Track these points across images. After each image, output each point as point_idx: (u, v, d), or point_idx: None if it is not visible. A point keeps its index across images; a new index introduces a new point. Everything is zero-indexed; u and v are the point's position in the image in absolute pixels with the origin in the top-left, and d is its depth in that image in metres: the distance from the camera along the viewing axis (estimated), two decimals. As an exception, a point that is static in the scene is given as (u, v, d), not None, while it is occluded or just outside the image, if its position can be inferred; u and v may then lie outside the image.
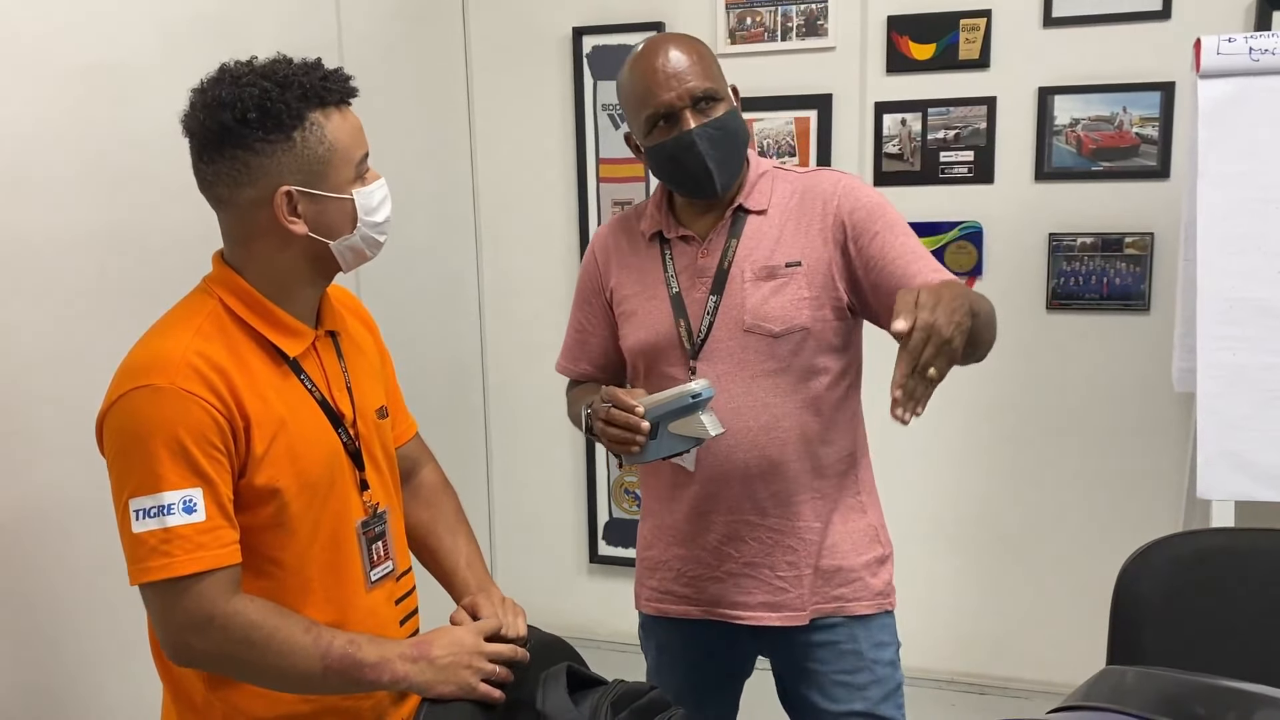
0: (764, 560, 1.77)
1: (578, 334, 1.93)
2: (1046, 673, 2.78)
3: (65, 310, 1.82)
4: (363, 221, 1.38)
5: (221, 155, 1.32)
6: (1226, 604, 1.64)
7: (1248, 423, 2.17)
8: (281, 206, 1.32)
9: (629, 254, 1.84)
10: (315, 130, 1.32)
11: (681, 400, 1.58)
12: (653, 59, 1.69)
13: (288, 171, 1.32)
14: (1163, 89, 2.57)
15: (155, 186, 1.94)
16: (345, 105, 1.37)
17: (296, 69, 1.34)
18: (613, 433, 1.63)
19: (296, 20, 2.42)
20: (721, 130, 1.68)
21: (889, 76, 2.77)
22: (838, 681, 1.79)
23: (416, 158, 2.95)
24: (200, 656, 1.33)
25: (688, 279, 1.76)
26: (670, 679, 1.91)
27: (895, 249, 1.67)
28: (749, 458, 1.73)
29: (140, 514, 1.26)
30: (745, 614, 1.79)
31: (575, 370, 1.95)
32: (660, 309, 1.77)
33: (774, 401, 1.72)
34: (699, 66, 1.68)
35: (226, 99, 1.30)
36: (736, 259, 1.73)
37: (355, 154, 1.37)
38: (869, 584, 1.79)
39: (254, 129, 1.30)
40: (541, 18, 3.04)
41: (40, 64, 1.78)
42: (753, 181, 1.77)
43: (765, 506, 1.76)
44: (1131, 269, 2.65)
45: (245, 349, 1.35)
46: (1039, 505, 2.82)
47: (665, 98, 1.67)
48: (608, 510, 3.22)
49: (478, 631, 1.44)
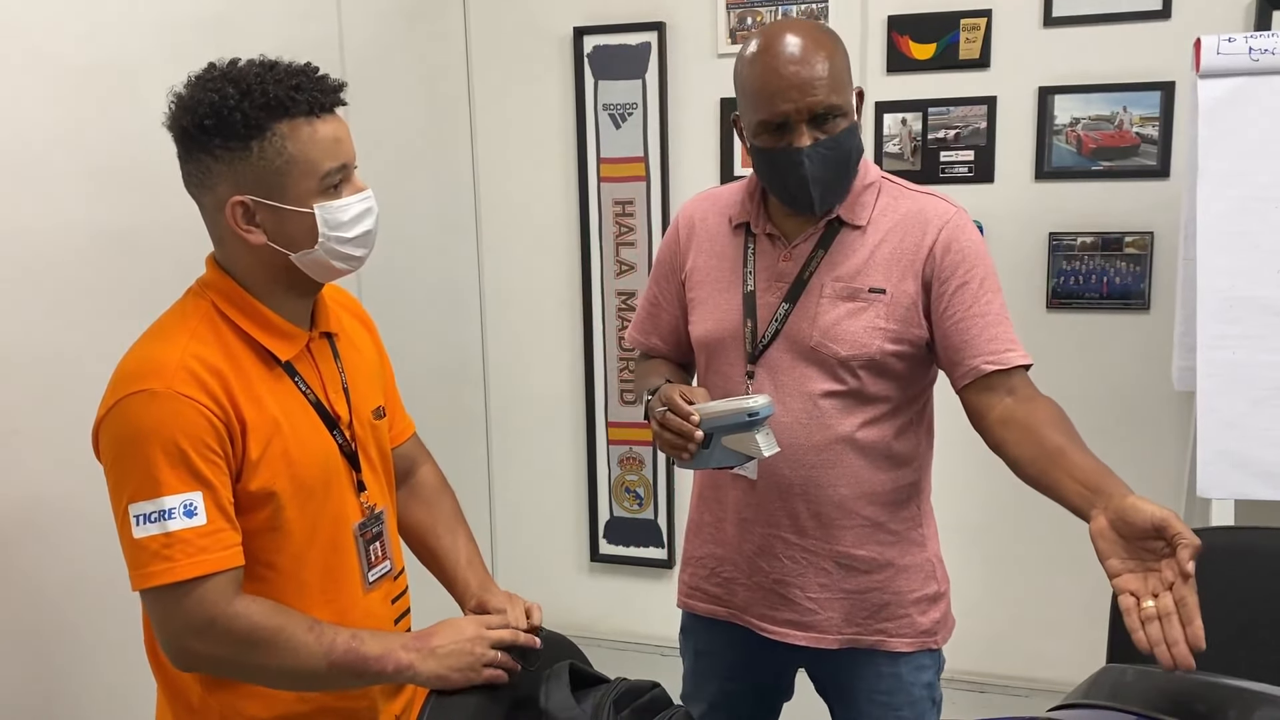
0: (794, 580, 1.71)
1: (651, 307, 1.86)
2: (1046, 671, 2.78)
3: (64, 309, 1.82)
4: (326, 236, 1.33)
5: (190, 156, 1.32)
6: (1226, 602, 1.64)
7: (1247, 421, 2.17)
8: (235, 216, 1.31)
9: (713, 238, 1.75)
10: (276, 141, 1.28)
11: (739, 416, 1.53)
12: (779, 57, 1.54)
13: (243, 181, 1.29)
14: (1163, 88, 2.58)
15: (155, 186, 1.93)
16: (320, 115, 1.31)
17: (270, 75, 1.29)
18: (666, 437, 1.57)
19: (297, 20, 2.42)
20: (835, 151, 1.56)
21: (889, 76, 2.77)
22: (875, 701, 1.75)
23: (417, 157, 2.95)
24: (204, 660, 1.33)
25: (764, 280, 1.68)
26: (706, 686, 1.87)
27: (976, 307, 1.60)
28: (793, 475, 1.66)
29: (141, 519, 1.25)
30: (771, 628, 1.74)
31: (645, 343, 1.89)
32: (730, 304, 1.70)
33: (828, 423, 1.64)
34: (828, 76, 1.54)
35: (189, 102, 1.29)
36: (819, 271, 1.64)
37: (323, 166, 1.31)
38: (915, 621, 1.72)
39: (210, 135, 1.28)
40: (542, 17, 3.05)
41: (40, 63, 1.78)
42: (857, 193, 1.65)
43: (805, 526, 1.69)
44: (1131, 268, 2.66)
45: (239, 352, 1.35)
46: (1038, 503, 2.80)
47: (783, 108, 1.54)
48: (609, 509, 3.22)
49: (480, 621, 1.43)
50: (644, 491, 3.17)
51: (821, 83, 1.54)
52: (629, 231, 3.04)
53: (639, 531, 3.19)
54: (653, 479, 3.15)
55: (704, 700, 1.86)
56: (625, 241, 3.05)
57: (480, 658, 1.38)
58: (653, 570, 3.18)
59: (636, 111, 2.98)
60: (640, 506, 3.18)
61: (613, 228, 3.06)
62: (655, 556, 3.17)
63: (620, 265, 3.06)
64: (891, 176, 1.72)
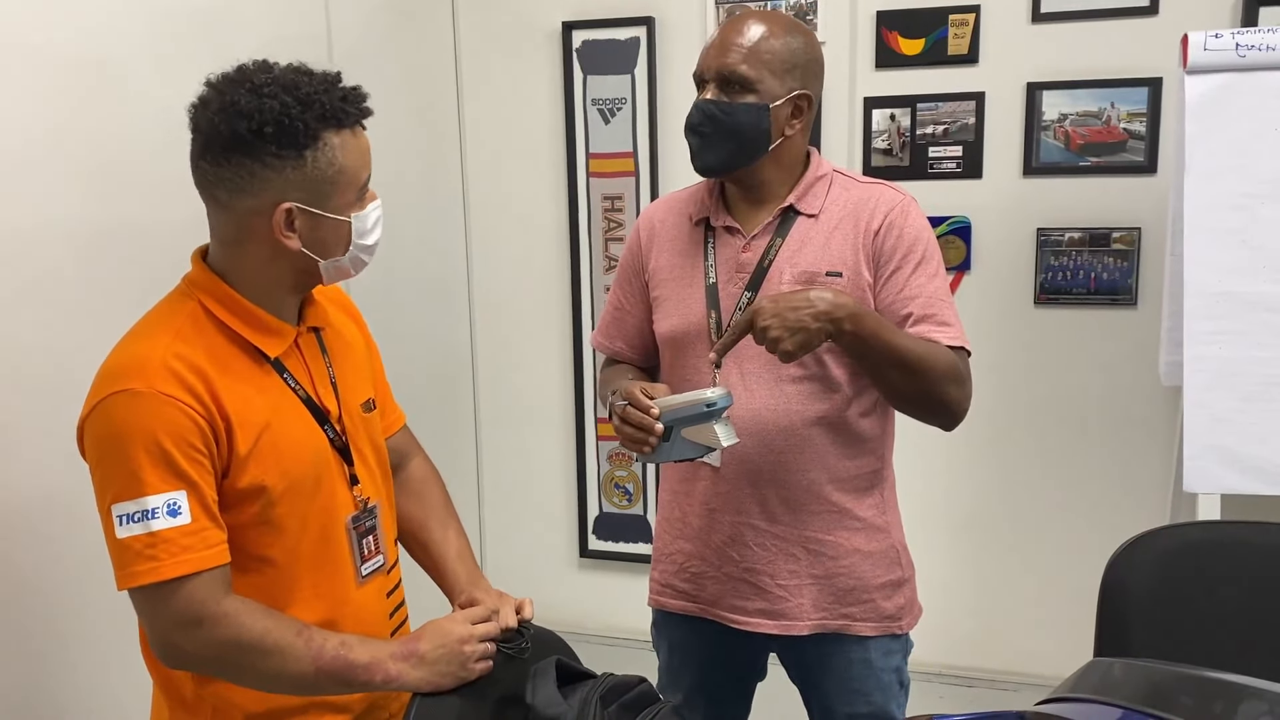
0: (765, 568, 1.74)
1: (615, 311, 1.91)
2: (1034, 665, 2.78)
3: (54, 305, 1.81)
4: (355, 244, 1.37)
5: (228, 160, 1.30)
6: (1213, 596, 1.65)
7: (1234, 416, 2.18)
8: (280, 222, 1.31)
9: (674, 237, 1.81)
10: (327, 151, 1.31)
11: (697, 407, 1.56)
12: (725, 27, 1.70)
13: (293, 188, 1.30)
14: (1150, 84, 2.58)
15: (144, 182, 1.93)
16: (361, 127, 1.36)
17: (318, 85, 1.31)
18: (627, 431, 1.61)
19: (285, 13, 2.41)
20: (726, 116, 1.65)
21: (878, 71, 2.77)
22: (845, 687, 1.79)
23: (405, 151, 2.94)
24: (191, 659, 1.33)
25: (726, 272, 1.73)
26: (682, 679, 1.90)
27: (909, 287, 1.65)
28: (763, 462, 1.70)
29: (124, 519, 1.25)
30: (742, 619, 1.77)
31: (610, 347, 1.93)
32: (694, 297, 1.75)
33: (796, 408, 1.69)
34: (748, 47, 1.65)
35: (245, 108, 1.27)
36: (778, 259, 1.70)
37: (361, 177, 1.36)
38: (880, 606, 1.76)
39: (268, 143, 1.28)
40: (531, 12, 3.04)
41: (28, 58, 1.76)
42: (809, 183, 1.73)
43: (774, 512, 1.73)
44: (1119, 263, 2.67)
45: (225, 350, 1.34)
46: (1025, 499, 2.84)
47: (703, 62, 1.69)
48: (598, 505, 3.22)
49: (464, 619, 1.43)
50: (633, 487, 3.17)
51: (740, 51, 1.65)
52: (618, 227, 3.04)
53: (628, 527, 3.19)
54: (642, 475, 3.15)
55: (681, 690, 1.91)
56: (614, 237, 3.05)
57: (470, 656, 1.39)
58: (642, 566, 3.14)
59: (626, 107, 2.97)
60: (629, 502, 3.18)
61: (602, 223, 3.06)
62: (644, 552, 3.15)
63: (609, 261, 3.06)
64: (843, 170, 1.79)
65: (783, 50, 1.66)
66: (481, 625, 1.42)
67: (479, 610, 1.46)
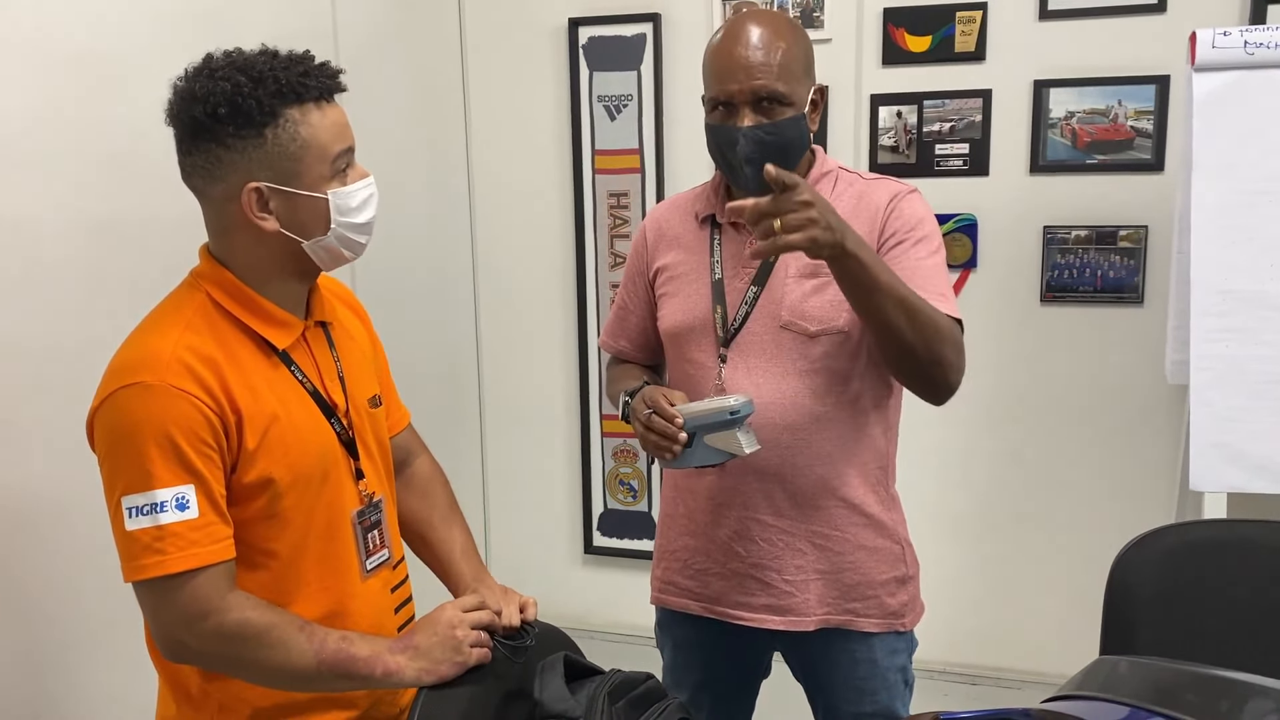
0: (771, 563, 1.74)
1: (620, 311, 1.94)
2: (1040, 663, 2.79)
3: (58, 300, 1.82)
4: (338, 222, 1.35)
5: (196, 148, 1.31)
6: (1219, 595, 1.65)
7: (1240, 414, 2.18)
8: (250, 203, 1.31)
9: (679, 236, 1.82)
10: (289, 127, 1.30)
11: (720, 415, 1.58)
12: (736, 41, 1.64)
13: (257, 168, 1.30)
14: (1158, 82, 2.58)
15: (148, 176, 1.93)
16: (326, 100, 1.35)
17: (278, 63, 1.31)
18: (652, 439, 1.62)
19: (291, 9, 2.41)
20: (774, 136, 1.63)
21: (885, 69, 2.77)
22: (850, 685, 1.79)
23: (411, 148, 2.95)
24: (194, 654, 1.33)
25: (731, 267, 1.74)
26: (686, 677, 1.90)
27: (907, 263, 1.64)
28: (770, 456, 1.69)
29: (133, 512, 1.26)
30: (748, 615, 1.77)
31: (614, 347, 1.96)
32: (700, 292, 1.75)
33: (803, 403, 1.69)
34: (777, 64, 1.62)
35: (200, 92, 1.29)
36: (783, 254, 1.68)
37: (332, 150, 1.34)
38: (884, 603, 1.76)
39: (224, 124, 1.28)
40: (537, 9, 3.04)
41: (30, 52, 1.77)
42: (814, 180, 1.72)
43: (781, 507, 1.73)
44: (1125, 262, 2.66)
45: (235, 342, 1.35)
46: (1031, 496, 2.83)
47: (729, 88, 1.63)
48: (603, 501, 3.23)
49: (453, 606, 1.43)
50: (638, 484, 3.17)
51: (768, 69, 1.62)
52: (623, 224, 3.04)
53: (633, 524, 3.20)
54: (646, 471, 3.16)
55: (686, 689, 1.90)
56: (620, 234, 3.05)
57: (463, 640, 1.39)
58: (647, 562, 3.14)
59: (631, 103, 2.97)
60: (634, 499, 3.18)
61: (607, 220, 3.06)
62: (649, 549, 3.14)
63: (615, 257, 3.06)
64: (848, 167, 1.79)
65: (798, 53, 1.66)
66: (473, 612, 1.42)
67: (469, 598, 1.46)
